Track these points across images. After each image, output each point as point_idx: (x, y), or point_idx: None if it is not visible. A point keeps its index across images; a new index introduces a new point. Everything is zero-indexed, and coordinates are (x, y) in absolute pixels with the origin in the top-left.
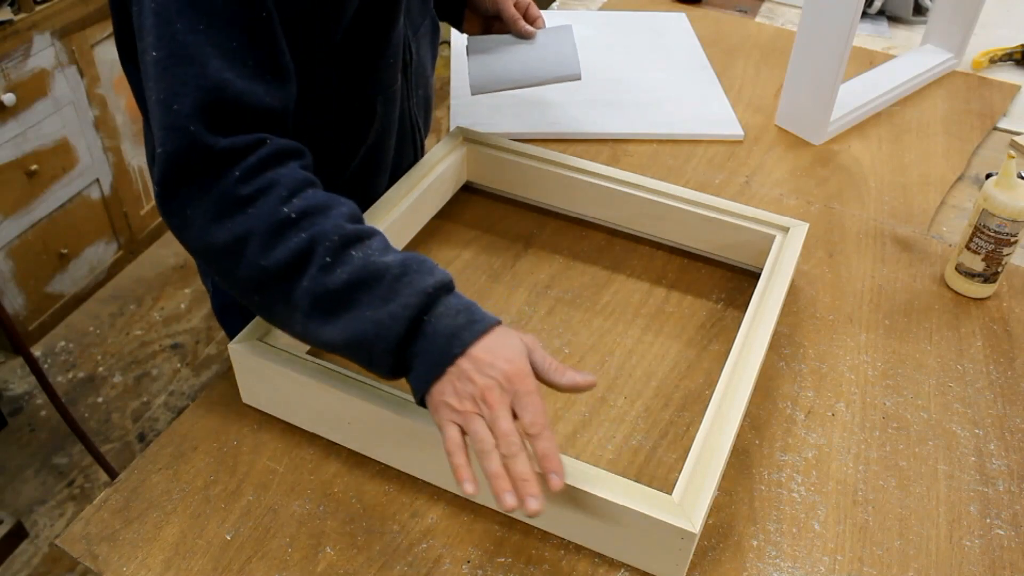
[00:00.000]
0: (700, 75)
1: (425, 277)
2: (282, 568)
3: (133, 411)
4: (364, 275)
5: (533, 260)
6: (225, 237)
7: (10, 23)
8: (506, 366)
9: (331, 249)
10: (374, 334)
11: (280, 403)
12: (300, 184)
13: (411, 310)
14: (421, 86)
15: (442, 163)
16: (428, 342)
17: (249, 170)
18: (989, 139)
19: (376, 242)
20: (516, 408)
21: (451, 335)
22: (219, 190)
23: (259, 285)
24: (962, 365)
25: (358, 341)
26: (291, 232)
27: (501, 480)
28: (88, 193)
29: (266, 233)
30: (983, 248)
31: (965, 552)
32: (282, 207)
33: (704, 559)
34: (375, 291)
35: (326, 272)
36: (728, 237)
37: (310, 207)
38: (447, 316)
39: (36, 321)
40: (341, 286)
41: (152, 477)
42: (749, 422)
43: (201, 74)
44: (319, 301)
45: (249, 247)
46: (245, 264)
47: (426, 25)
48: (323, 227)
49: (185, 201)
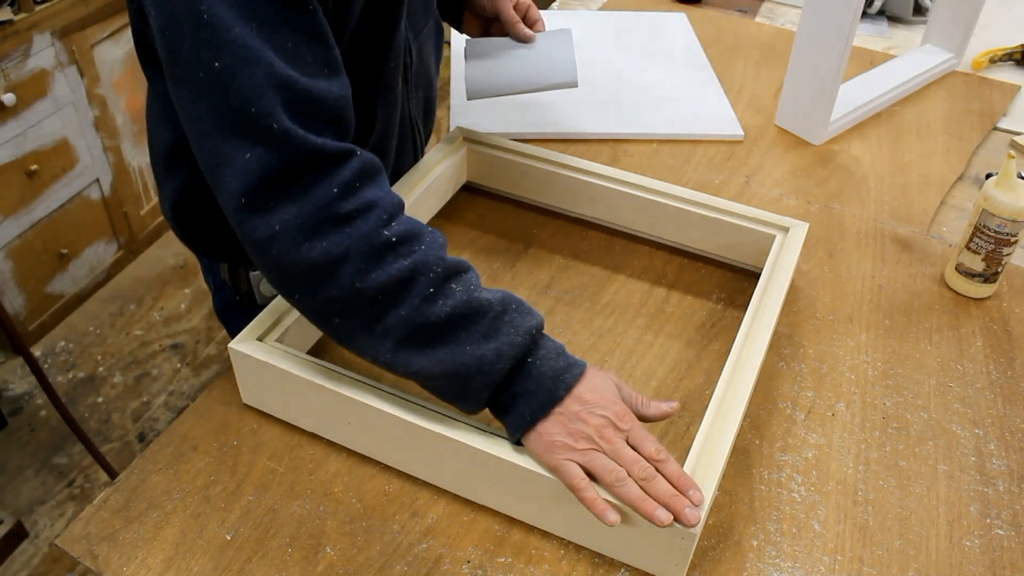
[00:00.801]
0: (700, 75)
1: (526, 317)
2: (282, 568)
3: (133, 411)
4: (466, 310)
5: (533, 260)
6: (320, 255)
7: (10, 23)
8: (613, 406)
9: (434, 280)
10: (476, 369)
11: (280, 403)
12: (397, 207)
13: (516, 349)
14: (422, 88)
15: (442, 163)
16: (533, 383)
17: (346, 186)
18: (989, 139)
19: (473, 277)
20: (633, 443)
21: (555, 377)
22: (316, 204)
23: (348, 307)
24: (962, 365)
25: (456, 374)
26: (391, 257)
27: (647, 502)
28: (88, 193)
29: (366, 255)
30: (983, 248)
31: (965, 552)
32: (382, 230)
33: (704, 559)
34: (477, 327)
35: (428, 303)
36: (728, 237)
37: (409, 233)
38: (549, 359)
39: (36, 321)
40: (443, 319)
41: (152, 477)
42: (749, 422)
43: (271, 73)
44: (418, 331)
45: (345, 267)
46: (338, 285)
47: (429, 27)
48: (424, 256)
49: (277, 212)
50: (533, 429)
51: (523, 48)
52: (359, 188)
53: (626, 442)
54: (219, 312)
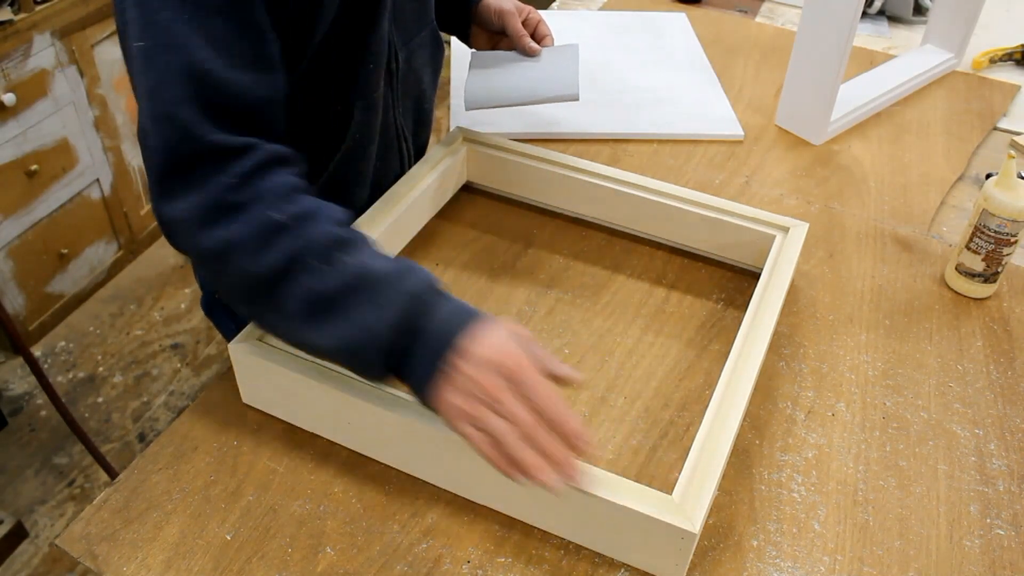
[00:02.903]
0: (700, 75)
1: (414, 281)
2: (282, 568)
3: (133, 411)
4: (354, 281)
5: (533, 260)
6: (214, 243)
7: (10, 23)
8: (502, 357)
9: (322, 255)
10: (366, 337)
11: (280, 403)
12: (290, 189)
13: (401, 312)
14: (411, 96)
15: (442, 163)
16: (420, 344)
17: (241, 176)
18: (989, 139)
19: (366, 247)
20: (526, 394)
21: (442, 334)
22: (211, 195)
23: (249, 291)
24: (962, 365)
25: (349, 346)
26: (281, 238)
27: (539, 469)
28: (88, 193)
29: (256, 239)
30: (983, 248)
31: (965, 552)
32: (272, 213)
33: (704, 559)
34: (366, 296)
35: (317, 278)
36: (728, 237)
37: (301, 213)
38: (437, 316)
39: (36, 321)
40: (332, 292)
41: (152, 477)
42: (749, 422)
43: (188, 61)
44: (310, 307)
45: (238, 253)
46: (234, 270)
47: (423, 36)
48: (312, 233)
49: (178, 200)
50: (434, 393)
51: (527, 61)
52: (254, 178)
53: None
54: (205, 308)
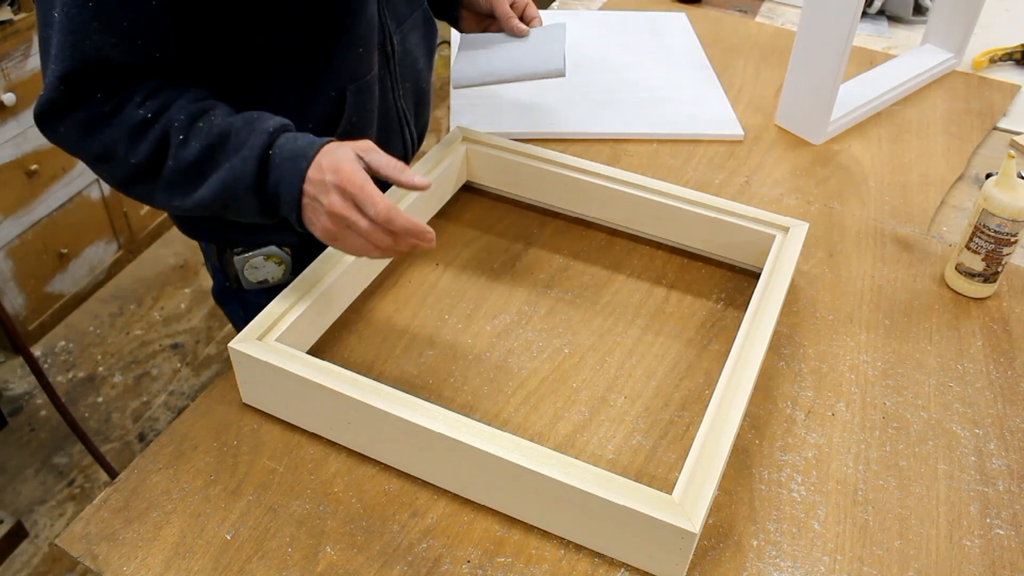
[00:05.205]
0: (700, 75)
1: (265, 123)
2: (282, 568)
3: (133, 411)
4: (213, 138)
5: (533, 260)
6: (96, 148)
7: (10, 23)
8: (334, 177)
9: (181, 128)
10: (233, 178)
11: (280, 403)
12: (155, 88)
13: (256, 149)
14: (409, 79)
15: (442, 163)
16: (279, 171)
17: (109, 92)
18: (989, 139)
19: (219, 109)
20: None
21: (295, 163)
22: (83, 112)
23: (136, 179)
24: (962, 365)
25: (223, 191)
26: (149, 129)
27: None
28: (88, 193)
29: (129, 137)
30: (983, 248)
31: (965, 552)
32: (138, 111)
33: (704, 559)
34: (227, 146)
35: (183, 147)
36: (728, 237)
37: (163, 104)
38: (288, 148)
39: (36, 321)
40: (197, 154)
41: (152, 477)
42: (749, 422)
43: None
44: (185, 174)
45: (118, 151)
46: (118, 167)
47: (415, 18)
48: (172, 114)
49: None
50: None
51: (515, 41)
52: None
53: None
54: (216, 296)
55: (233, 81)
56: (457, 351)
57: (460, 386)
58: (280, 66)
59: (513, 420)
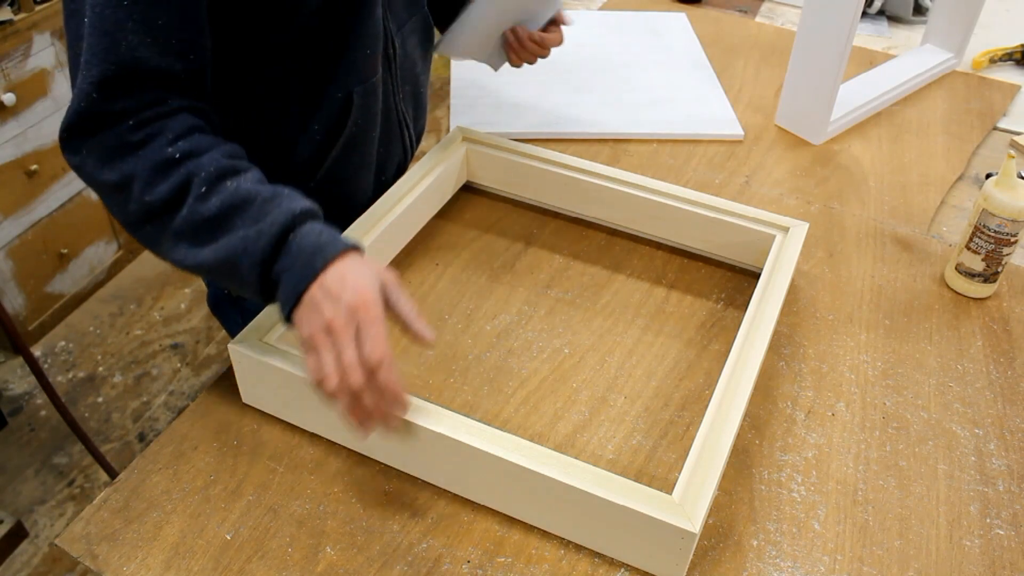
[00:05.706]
0: (700, 75)
1: (292, 203)
2: (282, 568)
3: (133, 411)
4: (236, 200)
5: (533, 260)
6: (114, 177)
7: (10, 23)
8: (352, 296)
9: (206, 180)
10: (242, 249)
11: (280, 403)
12: (188, 129)
13: (277, 227)
14: (408, 82)
15: (442, 163)
16: (292, 258)
17: (142, 121)
18: (989, 139)
19: (250, 174)
20: (363, 341)
21: (311, 256)
22: (111, 136)
23: (145, 220)
24: (962, 365)
25: (228, 258)
26: (172, 170)
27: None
28: (88, 193)
29: (150, 172)
30: (983, 248)
31: (965, 552)
32: (167, 148)
33: (704, 559)
34: (246, 214)
35: (201, 201)
36: (728, 237)
37: (194, 148)
38: (309, 238)
39: (36, 321)
40: (215, 212)
41: (152, 477)
42: (749, 422)
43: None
44: (196, 228)
45: (135, 185)
46: (132, 201)
47: (415, 22)
48: (200, 162)
49: (80, 145)
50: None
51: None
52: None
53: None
54: (211, 304)
55: (243, 81)
56: (457, 351)
57: (460, 386)
58: (289, 66)
59: (513, 420)
